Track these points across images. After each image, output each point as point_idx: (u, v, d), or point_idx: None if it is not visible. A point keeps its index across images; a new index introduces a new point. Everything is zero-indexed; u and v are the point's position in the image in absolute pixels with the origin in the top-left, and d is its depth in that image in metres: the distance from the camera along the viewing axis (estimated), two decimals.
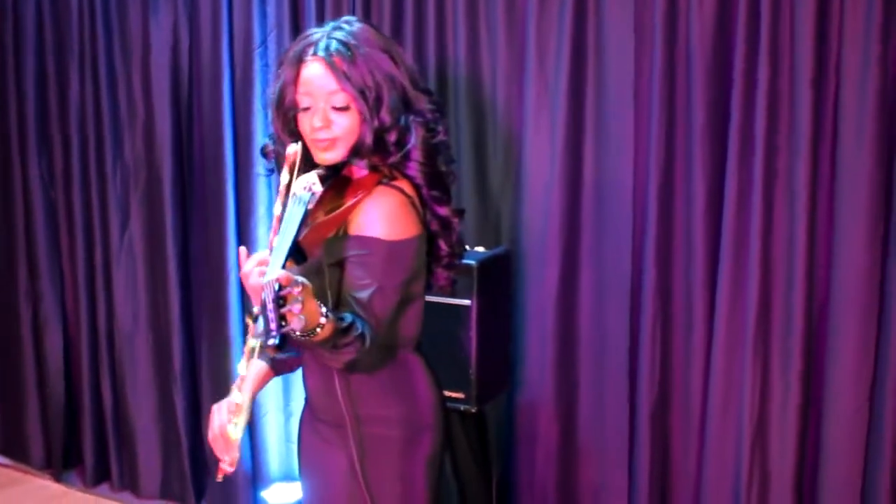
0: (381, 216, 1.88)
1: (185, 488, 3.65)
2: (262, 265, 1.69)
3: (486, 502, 2.80)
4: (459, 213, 2.05)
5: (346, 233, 1.89)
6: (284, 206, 1.81)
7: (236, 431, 1.95)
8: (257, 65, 3.22)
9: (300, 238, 1.77)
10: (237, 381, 1.92)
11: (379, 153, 1.94)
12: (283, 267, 1.65)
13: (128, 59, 3.51)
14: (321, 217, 1.87)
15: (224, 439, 1.97)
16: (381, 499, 1.98)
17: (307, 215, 1.80)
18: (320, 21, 3.07)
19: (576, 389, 2.78)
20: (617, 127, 2.63)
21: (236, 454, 1.98)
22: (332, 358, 1.81)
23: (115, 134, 3.58)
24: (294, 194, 1.81)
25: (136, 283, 3.64)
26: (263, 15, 3.20)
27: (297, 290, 1.59)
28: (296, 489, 3.32)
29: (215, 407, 2.01)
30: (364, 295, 1.84)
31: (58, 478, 3.91)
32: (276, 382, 3.38)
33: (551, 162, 2.71)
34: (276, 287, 1.57)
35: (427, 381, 2.05)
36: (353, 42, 1.91)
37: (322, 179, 1.86)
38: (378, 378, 1.96)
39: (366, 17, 2.97)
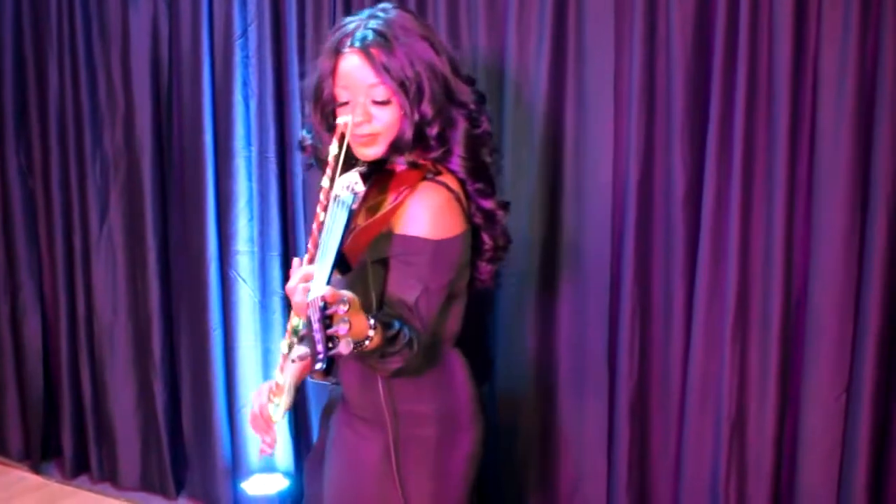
0: (426, 214, 1.82)
1: (165, 480, 3.65)
2: (308, 280, 1.61)
3: None
4: (504, 205, 2.00)
5: (390, 230, 1.82)
6: (333, 180, 1.74)
7: (277, 412, 1.91)
8: (238, 56, 3.21)
9: (343, 246, 1.68)
10: (280, 362, 1.87)
11: (420, 148, 1.89)
12: (329, 280, 1.56)
13: (107, 48, 3.49)
14: (363, 221, 1.80)
15: (264, 420, 1.93)
16: (415, 498, 1.95)
17: (351, 220, 1.71)
18: (301, 11, 3.07)
19: (555, 381, 2.79)
20: (597, 122, 2.63)
21: (276, 434, 1.95)
22: (379, 366, 1.76)
23: (94, 124, 3.56)
24: (336, 197, 1.73)
25: (116, 274, 3.63)
26: (244, 5, 3.18)
27: (342, 308, 1.50)
28: (276, 480, 3.33)
29: (256, 389, 1.99)
30: (410, 298, 1.78)
31: (36, 469, 3.90)
32: (255, 375, 3.38)
33: (531, 157, 2.71)
34: (322, 305, 1.49)
35: (465, 377, 2.03)
36: (390, 31, 1.85)
37: (363, 177, 1.79)
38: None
39: (346, 9, 2.97)
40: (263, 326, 3.36)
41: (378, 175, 1.90)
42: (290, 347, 1.84)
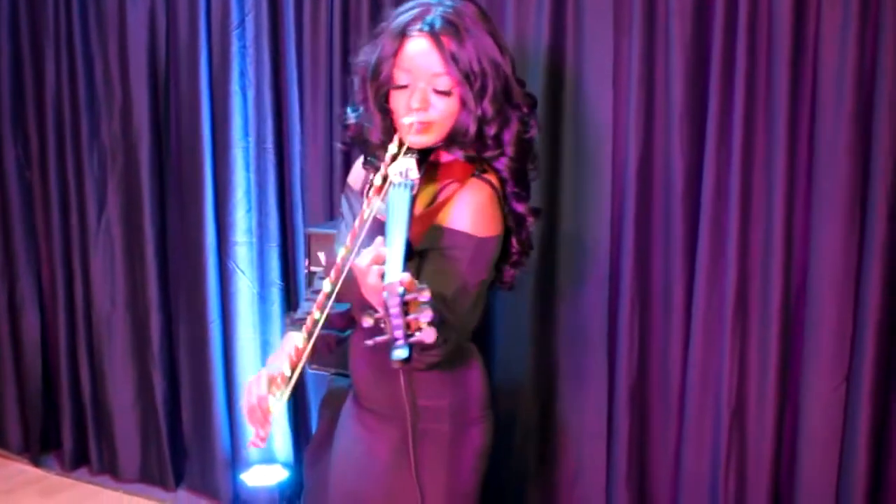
0: (473, 211, 1.81)
1: (165, 471, 3.65)
2: (380, 262, 1.55)
3: None
4: (536, 211, 1.98)
5: (437, 223, 1.80)
6: (385, 184, 1.69)
7: (278, 404, 1.87)
8: (235, 46, 3.19)
9: (410, 231, 1.63)
10: (290, 353, 1.82)
11: (476, 144, 1.86)
12: (405, 266, 1.51)
13: (104, 39, 3.47)
14: (419, 209, 1.77)
15: (263, 411, 1.87)
16: (430, 493, 1.92)
17: (413, 205, 1.66)
18: (298, 1, 3.06)
19: (555, 370, 2.79)
20: (595, 114, 2.62)
21: (271, 428, 1.89)
22: (418, 359, 1.69)
23: (91, 115, 3.55)
24: (392, 182, 1.69)
25: (114, 266, 3.62)
26: None
27: (425, 295, 1.46)
28: (275, 471, 3.33)
29: (253, 378, 1.93)
30: (449, 291, 1.75)
31: (36, 461, 3.90)
32: (254, 366, 3.37)
33: None
34: (401, 291, 1.44)
35: (479, 372, 2.01)
36: (461, 22, 1.80)
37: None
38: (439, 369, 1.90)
39: None
40: (262, 318, 3.36)
41: (427, 165, 1.87)
42: (309, 338, 1.79)
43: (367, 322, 1.53)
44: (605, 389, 2.71)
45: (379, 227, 1.73)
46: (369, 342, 1.56)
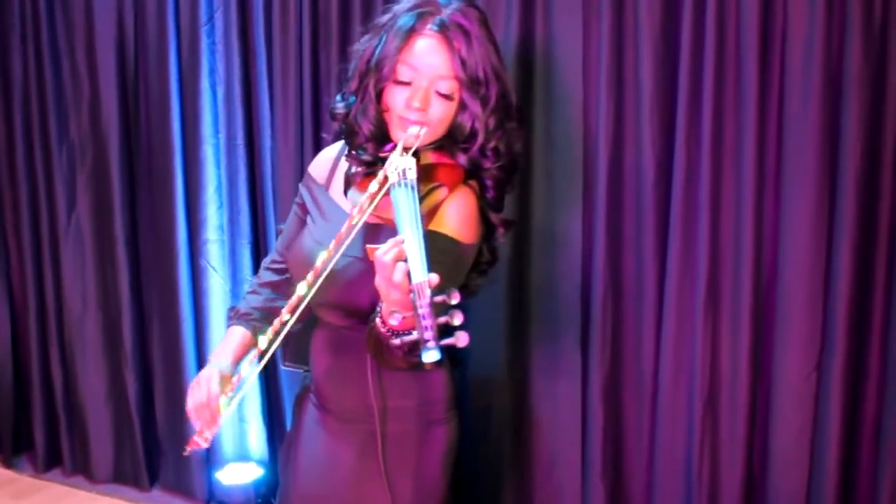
0: (463, 217, 1.81)
1: (139, 471, 3.63)
2: (402, 260, 1.51)
3: None
4: (508, 223, 1.97)
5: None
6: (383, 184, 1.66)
7: (229, 406, 1.85)
8: (204, 42, 3.18)
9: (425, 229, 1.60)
10: (251, 353, 1.79)
11: (476, 154, 1.85)
12: (430, 266, 1.47)
13: (71, 34, 3.44)
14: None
15: (212, 411, 1.85)
16: (398, 495, 1.91)
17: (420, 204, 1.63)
18: None
19: (529, 363, 2.79)
20: (566, 105, 2.62)
21: (217, 429, 1.87)
22: (402, 358, 1.66)
23: (59, 112, 3.52)
24: (401, 181, 1.64)
25: (84, 263, 3.59)
26: None
27: (454, 298, 1.44)
28: (250, 469, 3.31)
29: (205, 374, 1.90)
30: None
31: (7, 463, 3.87)
32: None
33: None
34: (430, 293, 1.42)
35: (444, 373, 2.00)
36: (472, 28, 1.79)
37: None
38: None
39: None
40: None
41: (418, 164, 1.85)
42: (270, 343, 1.76)
43: (394, 321, 1.50)
44: (579, 382, 2.72)
45: (368, 229, 1.72)
46: (395, 341, 1.54)
